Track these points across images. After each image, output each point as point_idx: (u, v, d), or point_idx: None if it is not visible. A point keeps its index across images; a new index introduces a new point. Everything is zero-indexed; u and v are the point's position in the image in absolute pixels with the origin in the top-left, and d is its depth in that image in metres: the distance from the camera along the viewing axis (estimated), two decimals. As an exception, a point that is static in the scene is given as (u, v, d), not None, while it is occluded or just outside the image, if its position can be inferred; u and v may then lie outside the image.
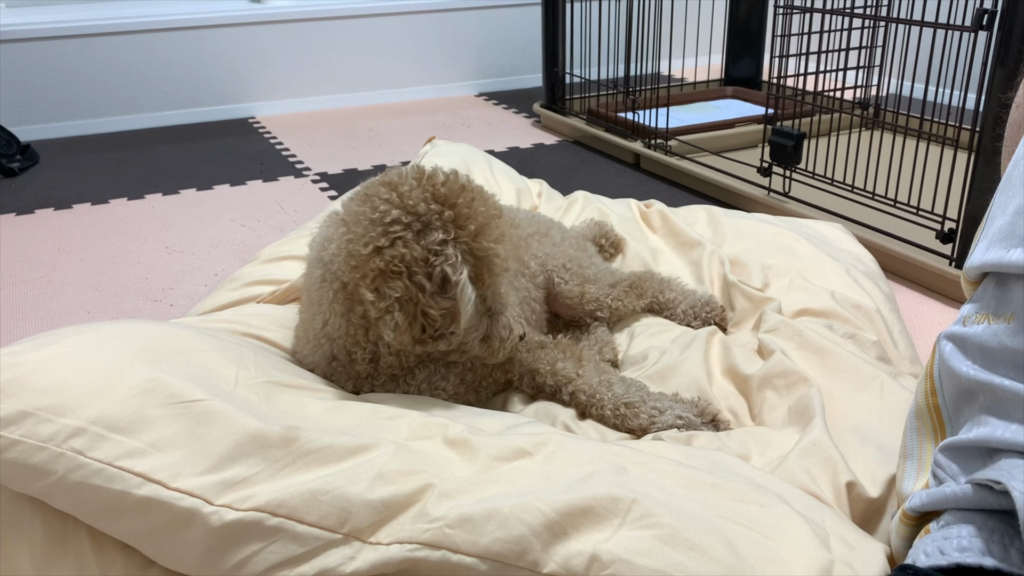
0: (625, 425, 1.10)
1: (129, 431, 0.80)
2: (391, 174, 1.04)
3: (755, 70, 3.32)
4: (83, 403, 0.81)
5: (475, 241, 1.00)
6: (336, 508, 0.77)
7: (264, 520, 0.76)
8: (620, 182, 2.66)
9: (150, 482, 0.77)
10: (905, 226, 1.93)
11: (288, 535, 0.76)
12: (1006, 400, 0.65)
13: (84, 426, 0.79)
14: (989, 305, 0.70)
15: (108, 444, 0.79)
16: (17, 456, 0.78)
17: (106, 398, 0.81)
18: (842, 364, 1.15)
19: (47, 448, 0.78)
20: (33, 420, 0.79)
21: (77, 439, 0.78)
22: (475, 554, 0.74)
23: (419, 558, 0.75)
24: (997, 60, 1.66)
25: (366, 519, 0.77)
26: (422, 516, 0.77)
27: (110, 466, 0.78)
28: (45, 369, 0.83)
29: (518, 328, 1.10)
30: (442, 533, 0.75)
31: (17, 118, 3.21)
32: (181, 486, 0.77)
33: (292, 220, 2.34)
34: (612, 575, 0.72)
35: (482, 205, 1.02)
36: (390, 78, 3.80)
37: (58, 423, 0.79)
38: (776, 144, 2.16)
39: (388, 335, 0.99)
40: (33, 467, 0.78)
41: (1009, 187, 0.71)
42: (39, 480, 0.78)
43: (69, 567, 0.82)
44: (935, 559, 0.64)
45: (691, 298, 1.45)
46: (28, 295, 1.96)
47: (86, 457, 0.78)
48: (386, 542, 0.76)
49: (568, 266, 1.41)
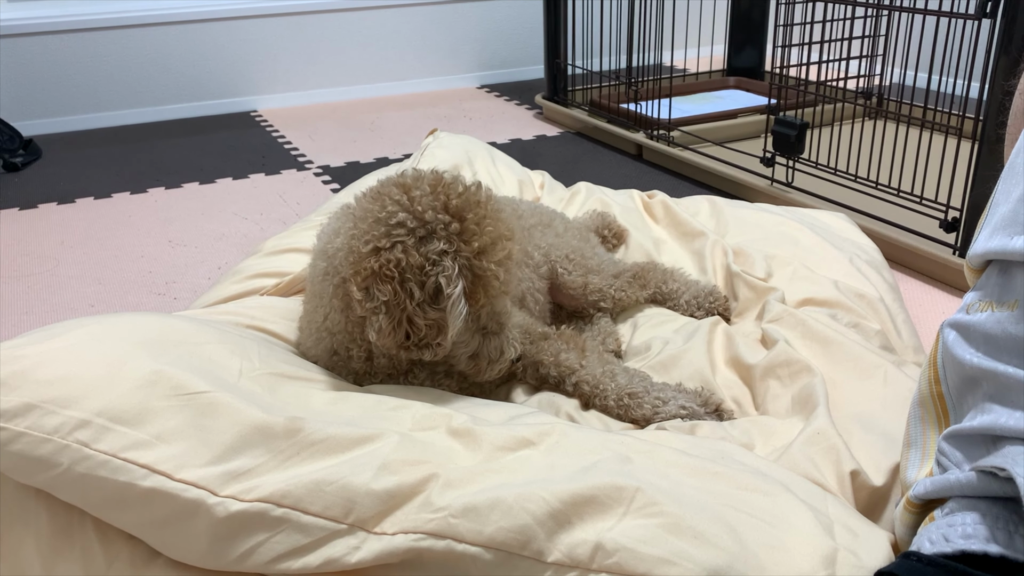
0: (628, 415, 1.10)
1: (134, 423, 0.80)
2: (408, 175, 1.03)
3: (757, 60, 3.31)
4: (87, 395, 0.81)
5: (477, 258, 0.99)
6: (341, 498, 0.77)
7: (269, 511, 0.76)
8: (622, 173, 2.65)
9: (155, 473, 0.77)
10: (908, 215, 1.92)
11: (293, 525, 0.76)
12: (1010, 387, 0.65)
13: (89, 418, 0.79)
14: (992, 293, 0.70)
15: (113, 436, 0.79)
16: (22, 448, 0.78)
17: (110, 390, 0.82)
18: (845, 353, 1.15)
19: (52, 440, 0.78)
20: (38, 412, 0.79)
21: (82, 431, 0.79)
22: (480, 543, 0.75)
23: (424, 548, 0.75)
24: (1001, 48, 1.66)
25: (371, 509, 0.77)
26: (426, 506, 0.77)
27: (115, 457, 0.78)
28: (49, 362, 0.84)
29: (510, 351, 1.08)
30: (446, 523, 0.75)
31: (19, 113, 3.21)
32: (186, 477, 0.77)
33: (294, 213, 2.34)
34: (616, 563, 0.72)
35: (492, 224, 1.00)
36: (392, 70, 3.79)
37: (63, 415, 0.79)
38: (779, 134, 2.16)
39: (372, 336, 0.98)
40: (38, 459, 0.78)
41: (1012, 175, 0.71)
42: (44, 472, 0.79)
43: (75, 559, 0.82)
44: (940, 546, 0.64)
45: (694, 288, 1.45)
46: (32, 289, 1.96)
47: (91, 449, 0.78)
48: (391, 532, 0.76)
49: (571, 256, 1.41)
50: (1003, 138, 0.85)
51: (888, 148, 2.01)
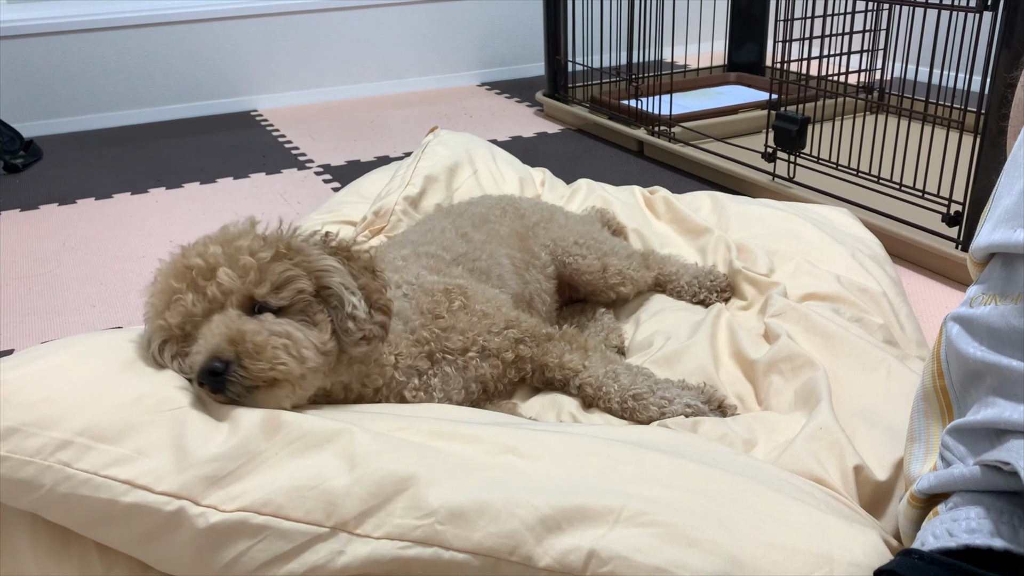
0: (634, 418, 1.09)
1: (116, 439, 0.79)
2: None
3: (758, 55, 3.30)
4: (70, 415, 0.80)
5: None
6: (322, 502, 0.76)
7: (250, 519, 0.76)
8: (624, 170, 2.65)
9: (136, 488, 0.77)
10: (911, 209, 1.92)
11: (274, 532, 0.76)
12: (1014, 381, 0.64)
13: (70, 438, 0.78)
14: (996, 286, 0.69)
15: (94, 454, 0.78)
16: (5, 472, 0.77)
17: (93, 409, 0.81)
18: (848, 347, 1.15)
19: (34, 462, 0.77)
20: (20, 435, 0.78)
21: (63, 451, 0.78)
22: (467, 550, 0.74)
23: (410, 556, 0.74)
24: (1002, 41, 1.65)
25: (353, 509, 0.76)
26: (412, 509, 0.76)
27: (96, 475, 0.77)
28: (32, 385, 0.83)
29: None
30: (433, 530, 0.74)
31: (20, 114, 3.21)
32: (167, 488, 0.77)
33: (296, 212, 2.34)
34: (611, 572, 0.71)
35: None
36: (392, 69, 3.79)
37: (44, 436, 0.78)
38: (780, 129, 2.15)
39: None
40: (22, 482, 0.77)
41: (1015, 167, 0.71)
42: (29, 494, 0.78)
43: (72, 566, 0.81)
44: (944, 541, 0.63)
45: (692, 270, 1.46)
46: (33, 290, 1.96)
47: (72, 468, 0.77)
48: (375, 535, 0.75)
49: (580, 241, 1.40)
50: (1005, 131, 0.85)
51: (890, 142, 2.01)
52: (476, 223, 1.34)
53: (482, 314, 1.13)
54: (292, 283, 0.92)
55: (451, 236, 1.29)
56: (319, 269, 0.94)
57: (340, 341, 0.94)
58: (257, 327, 0.87)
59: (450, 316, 1.10)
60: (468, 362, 1.10)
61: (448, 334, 1.09)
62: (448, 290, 1.13)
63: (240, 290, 0.89)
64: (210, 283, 0.89)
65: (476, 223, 1.34)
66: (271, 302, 0.91)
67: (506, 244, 1.33)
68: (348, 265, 0.97)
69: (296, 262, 0.93)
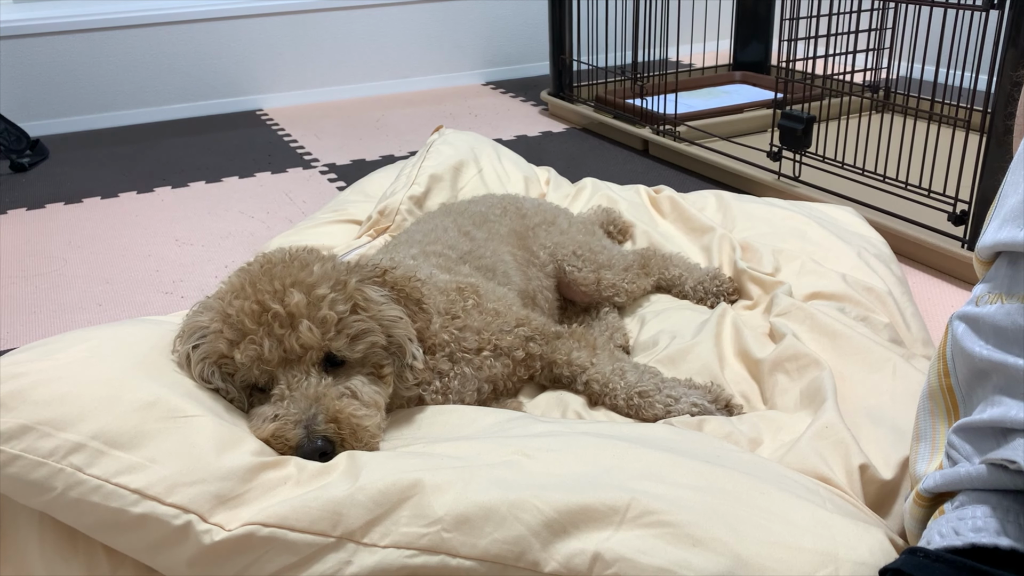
0: (640, 416, 1.09)
1: (129, 446, 0.79)
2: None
3: (764, 54, 3.29)
4: (84, 417, 0.80)
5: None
6: (327, 512, 0.76)
7: (255, 532, 0.75)
8: (629, 169, 2.65)
9: (146, 499, 0.76)
10: (917, 208, 1.91)
11: (280, 544, 0.75)
12: (1019, 380, 0.64)
13: (84, 441, 0.78)
14: (1002, 285, 0.69)
15: (106, 460, 0.78)
16: (18, 472, 0.77)
17: (107, 412, 0.80)
18: (854, 346, 1.14)
19: (47, 464, 0.77)
20: (34, 435, 0.78)
21: (76, 455, 0.77)
22: (474, 557, 0.74)
23: (417, 564, 0.74)
24: (1008, 39, 1.64)
25: (359, 519, 0.76)
26: (418, 517, 0.76)
27: (107, 483, 0.77)
28: (47, 381, 0.82)
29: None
30: (440, 537, 0.74)
31: (26, 113, 3.22)
32: (176, 501, 0.76)
33: (301, 211, 2.34)
34: (615, 574, 0.71)
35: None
36: (397, 68, 3.79)
37: (58, 438, 0.78)
38: (786, 128, 2.15)
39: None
40: (33, 483, 0.77)
41: (1021, 166, 0.71)
42: (40, 495, 0.78)
43: (79, 564, 0.81)
44: (950, 540, 0.63)
45: (697, 272, 1.46)
46: (39, 289, 1.97)
47: (84, 474, 0.77)
48: (382, 544, 0.75)
49: (579, 252, 1.40)
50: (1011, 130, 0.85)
51: (896, 141, 2.00)
52: (477, 222, 1.35)
53: (494, 313, 1.13)
54: (366, 336, 0.93)
55: (454, 234, 1.29)
56: (387, 320, 0.95)
57: (395, 386, 0.97)
58: (354, 406, 0.89)
59: (465, 316, 1.10)
60: (483, 362, 1.10)
61: (464, 334, 1.09)
62: (461, 288, 1.13)
63: (320, 346, 0.90)
64: (287, 332, 0.88)
65: (477, 222, 1.35)
66: (347, 356, 0.92)
67: (506, 242, 1.34)
68: (404, 304, 0.98)
69: (371, 314, 0.94)
